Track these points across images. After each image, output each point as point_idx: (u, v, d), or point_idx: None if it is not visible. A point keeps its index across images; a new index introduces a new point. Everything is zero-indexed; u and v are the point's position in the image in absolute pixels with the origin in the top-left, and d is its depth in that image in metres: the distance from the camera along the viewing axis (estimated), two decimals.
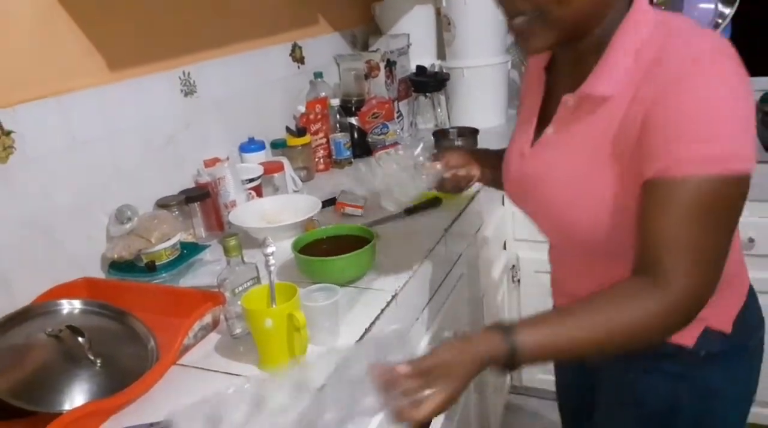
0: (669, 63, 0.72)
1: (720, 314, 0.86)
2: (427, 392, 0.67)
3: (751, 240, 1.65)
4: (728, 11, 1.76)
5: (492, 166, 1.11)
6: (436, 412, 0.68)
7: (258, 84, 1.71)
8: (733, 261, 0.82)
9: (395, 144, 1.83)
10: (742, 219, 1.85)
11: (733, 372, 0.90)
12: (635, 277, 0.73)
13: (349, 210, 1.44)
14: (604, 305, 0.72)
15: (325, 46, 2.04)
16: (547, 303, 2.13)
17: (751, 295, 0.93)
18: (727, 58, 0.71)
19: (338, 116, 1.86)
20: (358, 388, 0.68)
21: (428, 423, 0.78)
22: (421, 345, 1.22)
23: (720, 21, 1.77)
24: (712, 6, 1.74)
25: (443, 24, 2.08)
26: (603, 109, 0.78)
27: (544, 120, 0.89)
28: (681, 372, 0.89)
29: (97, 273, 1.22)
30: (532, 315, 0.74)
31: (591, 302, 0.73)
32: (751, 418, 1.94)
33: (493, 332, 0.71)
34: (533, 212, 0.95)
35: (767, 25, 2.11)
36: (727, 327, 0.87)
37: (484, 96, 2.06)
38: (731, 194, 0.71)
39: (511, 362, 0.70)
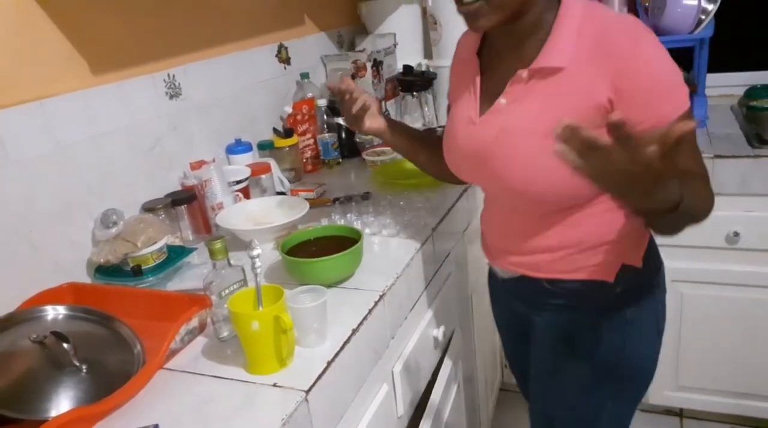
0: (614, 44, 0.89)
1: (633, 251, 1.03)
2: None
3: (737, 234, 1.66)
4: (711, 7, 1.77)
5: (406, 133, 1.26)
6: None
7: (244, 85, 1.71)
8: None
9: (383, 144, 1.83)
10: (727, 214, 1.87)
11: (644, 304, 1.06)
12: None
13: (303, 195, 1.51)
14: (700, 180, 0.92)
15: (311, 47, 2.03)
16: None
17: (651, 236, 1.08)
18: (648, 31, 0.91)
19: (325, 116, 1.86)
20: None
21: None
22: (412, 340, 1.23)
23: (703, 17, 1.78)
24: (696, 2, 1.75)
25: (429, 23, 2.08)
26: (555, 79, 0.94)
27: (484, 96, 1.03)
28: (601, 308, 1.04)
29: (83, 278, 1.22)
30: None
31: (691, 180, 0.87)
32: (747, 411, 1.96)
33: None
34: (482, 175, 1.05)
35: (750, 21, 2.13)
36: (638, 262, 1.03)
37: None
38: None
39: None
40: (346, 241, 1.15)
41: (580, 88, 0.91)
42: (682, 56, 1.94)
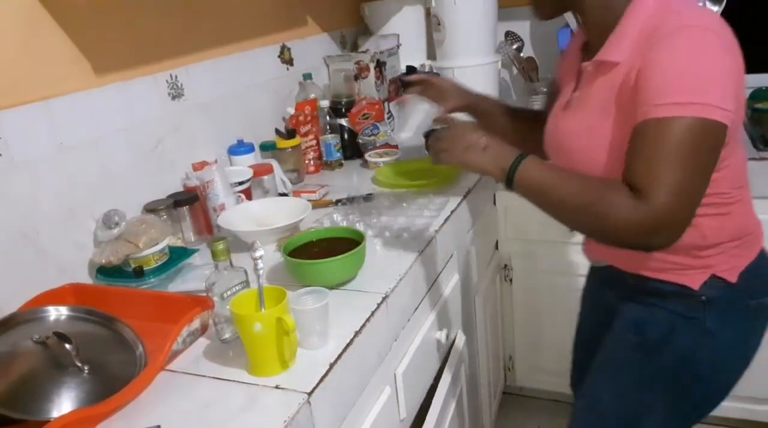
0: (660, 32, 0.86)
1: (727, 263, 0.99)
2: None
3: None
4: (716, 9, 1.77)
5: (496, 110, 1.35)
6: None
7: (247, 86, 1.70)
8: (749, 221, 1.02)
9: (386, 145, 1.83)
10: None
11: (731, 321, 1.01)
12: (626, 185, 0.86)
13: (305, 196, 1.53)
14: (599, 184, 0.90)
15: (314, 47, 2.03)
16: (537, 302, 2.15)
17: (763, 261, 1.03)
18: (711, 32, 0.85)
19: (328, 117, 1.86)
20: None
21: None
22: (415, 343, 1.22)
23: None
24: (700, 4, 1.75)
25: (433, 24, 2.08)
26: (613, 73, 0.94)
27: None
28: (681, 311, 1.01)
29: (85, 278, 1.22)
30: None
31: (590, 179, 0.92)
32: (754, 416, 1.94)
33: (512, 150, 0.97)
34: (561, 161, 1.07)
35: (754, 24, 2.12)
36: (732, 277, 0.99)
37: None
38: (704, 138, 0.83)
39: (511, 172, 0.94)
40: (349, 243, 1.15)
41: (624, 83, 0.91)
42: None
